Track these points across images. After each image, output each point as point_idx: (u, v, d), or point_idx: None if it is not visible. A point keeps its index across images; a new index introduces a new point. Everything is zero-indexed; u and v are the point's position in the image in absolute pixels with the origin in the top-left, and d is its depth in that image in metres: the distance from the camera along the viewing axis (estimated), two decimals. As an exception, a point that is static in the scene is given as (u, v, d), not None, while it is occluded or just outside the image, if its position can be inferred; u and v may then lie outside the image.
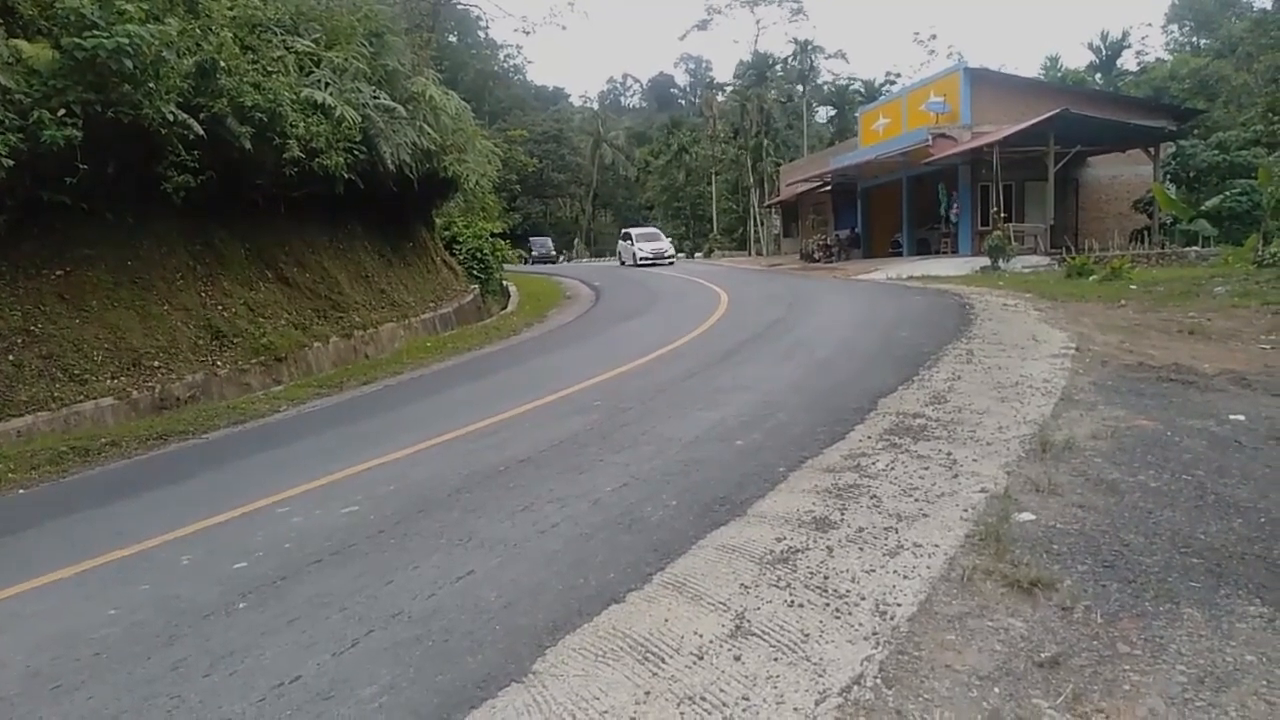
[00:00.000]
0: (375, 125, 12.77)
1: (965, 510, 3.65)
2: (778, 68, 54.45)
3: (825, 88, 58.45)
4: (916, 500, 3.85)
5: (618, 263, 35.70)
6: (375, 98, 12.92)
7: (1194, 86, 41.84)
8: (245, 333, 10.69)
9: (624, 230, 39.62)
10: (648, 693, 2.43)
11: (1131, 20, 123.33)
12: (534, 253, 54.50)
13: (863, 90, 54.74)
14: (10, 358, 8.21)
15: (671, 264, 32.27)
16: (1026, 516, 3.54)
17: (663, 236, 36.93)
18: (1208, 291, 10.86)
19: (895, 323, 10.65)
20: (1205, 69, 42.79)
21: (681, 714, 2.31)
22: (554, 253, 56.84)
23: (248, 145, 10.14)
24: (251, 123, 10.13)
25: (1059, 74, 55.81)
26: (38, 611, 3.71)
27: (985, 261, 19.14)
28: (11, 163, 7.56)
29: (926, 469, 4.29)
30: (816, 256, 29.47)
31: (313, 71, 11.98)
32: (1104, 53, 58.23)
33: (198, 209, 10.37)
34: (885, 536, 3.45)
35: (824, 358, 8.41)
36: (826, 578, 3.11)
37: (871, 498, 3.94)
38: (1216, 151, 23.39)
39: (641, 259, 32.70)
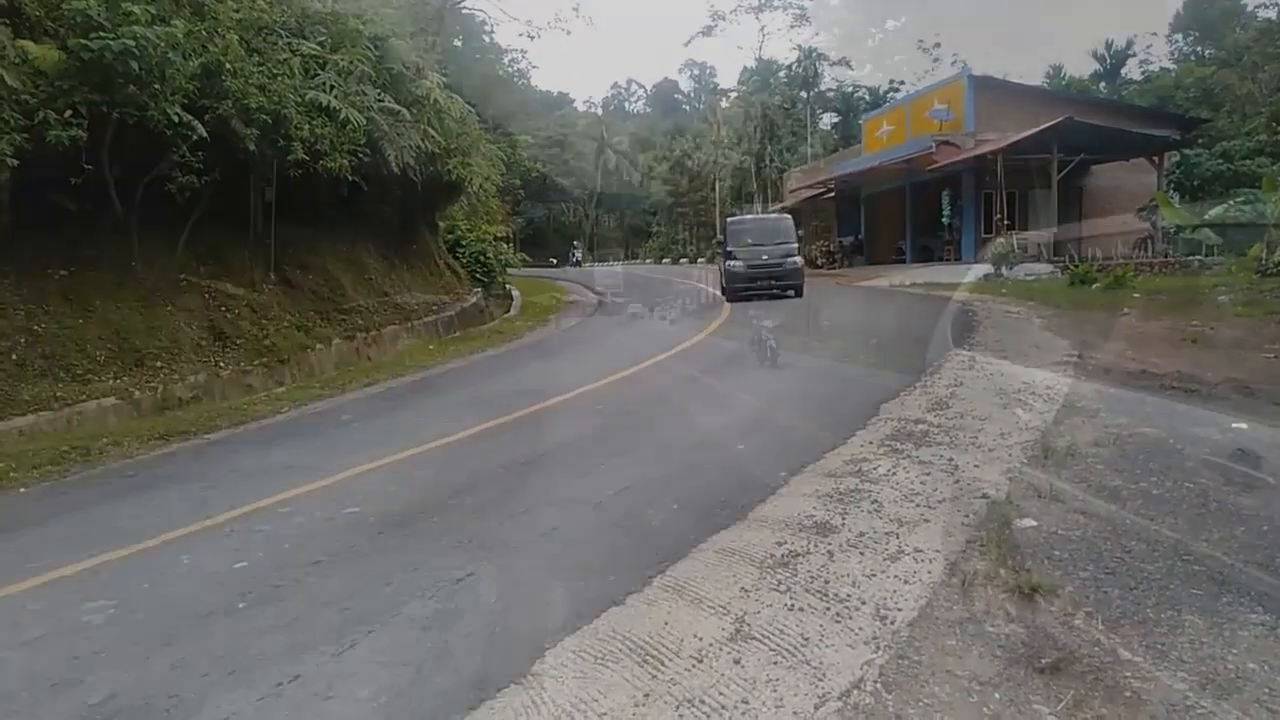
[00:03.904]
0: (380, 128, 12.79)
1: (967, 516, 3.64)
2: (782, 74, 54.52)
3: (829, 94, 58.45)
4: (918, 505, 3.84)
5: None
6: (380, 101, 12.94)
7: (1198, 96, 41.76)
8: (248, 334, 10.69)
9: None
10: (647, 695, 2.42)
11: (1136, 30, 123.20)
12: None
13: (867, 97, 54.69)
14: (13, 357, 8.21)
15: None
16: (1028, 522, 3.53)
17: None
18: (1211, 300, 10.84)
19: (898, 328, 10.64)
20: (1210, 78, 42.68)
21: (680, 716, 2.31)
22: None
23: (252, 147, 10.16)
24: (256, 125, 10.14)
25: (1063, 82, 55.72)
26: (37, 609, 3.70)
27: (988, 269, 19.12)
28: (16, 162, 7.58)
29: (928, 474, 4.28)
30: (819, 263, 29.50)
31: (318, 74, 12.00)
32: (1108, 61, 58.11)
33: (202, 210, 10.40)
34: (886, 541, 3.44)
35: (826, 363, 8.40)
36: (827, 582, 3.10)
37: (873, 502, 3.93)
38: (1221, 161, 23.42)
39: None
